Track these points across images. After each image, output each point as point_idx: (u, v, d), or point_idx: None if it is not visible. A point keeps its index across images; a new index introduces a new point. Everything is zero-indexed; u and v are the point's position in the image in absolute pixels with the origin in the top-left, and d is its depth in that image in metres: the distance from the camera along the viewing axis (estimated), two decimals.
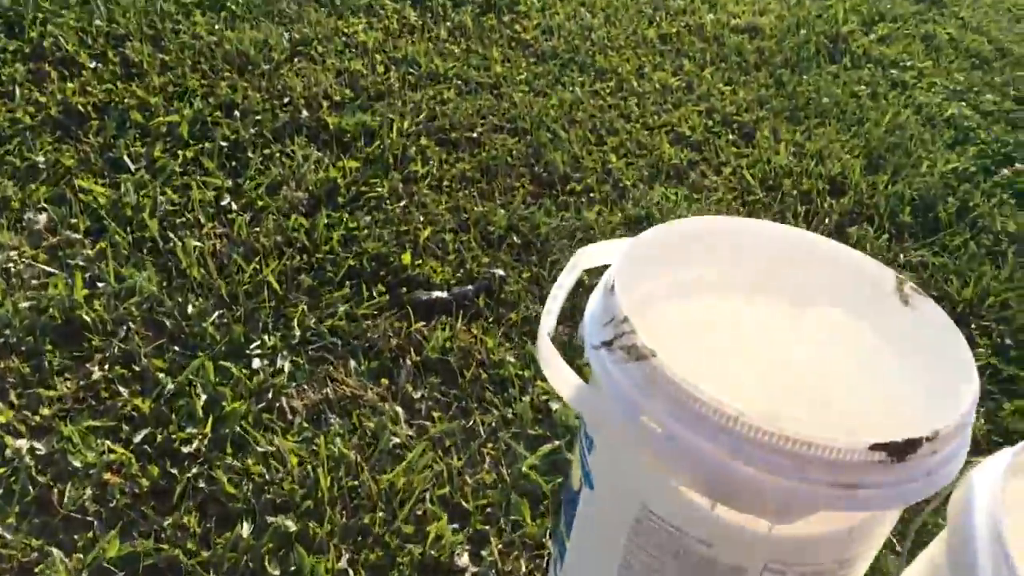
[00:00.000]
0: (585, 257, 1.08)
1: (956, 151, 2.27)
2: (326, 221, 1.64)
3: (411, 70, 2.19)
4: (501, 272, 1.61)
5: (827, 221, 1.95)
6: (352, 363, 1.39)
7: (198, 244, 1.53)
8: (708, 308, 1.10)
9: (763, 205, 1.98)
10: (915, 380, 0.98)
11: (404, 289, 1.55)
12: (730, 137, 2.18)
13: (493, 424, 1.34)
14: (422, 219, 1.71)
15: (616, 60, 2.40)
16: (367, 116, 1.96)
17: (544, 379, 1.40)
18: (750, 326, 1.11)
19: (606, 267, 0.94)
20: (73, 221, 1.54)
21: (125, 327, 1.37)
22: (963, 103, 2.51)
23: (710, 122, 2.21)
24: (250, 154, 1.78)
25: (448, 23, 2.44)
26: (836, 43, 2.73)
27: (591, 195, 1.90)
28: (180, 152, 1.75)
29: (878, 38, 2.83)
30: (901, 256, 1.90)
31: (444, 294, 1.54)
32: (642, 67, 2.40)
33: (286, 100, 1.98)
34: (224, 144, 1.79)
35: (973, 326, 1.73)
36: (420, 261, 1.61)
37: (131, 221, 1.56)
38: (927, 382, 0.92)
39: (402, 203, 1.75)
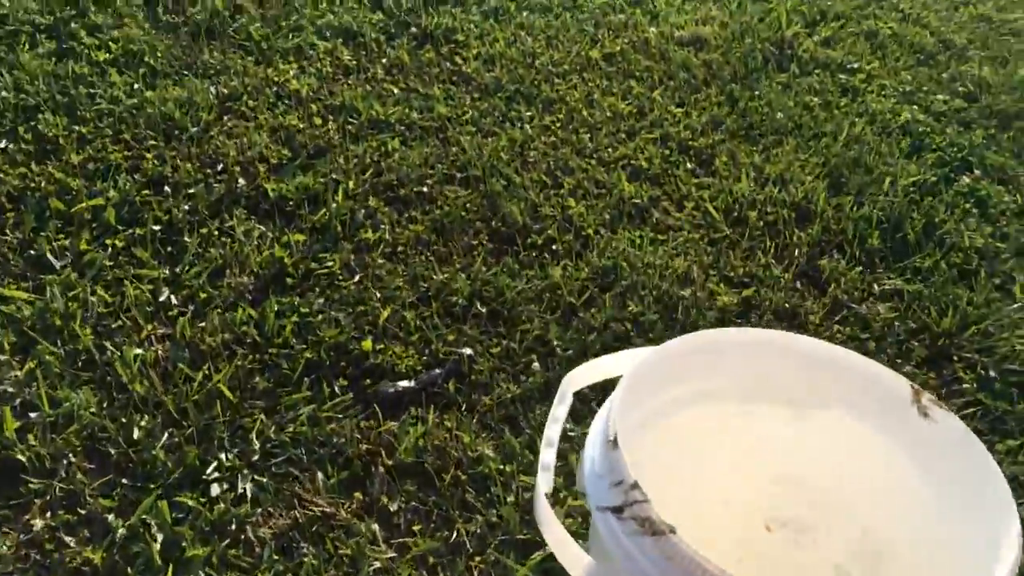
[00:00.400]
0: (573, 383, 1.00)
1: (915, 160, 2.23)
2: (276, 308, 1.52)
3: (350, 119, 2.06)
4: (468, 351, 1.51)
5: (797, 254, 1.89)
6: (320, 476, 1.28)
7: (138, 352, 1.40)
8: (707, 418, 1.02)
9: (731, 241, 1.91)
10: (941, 497, 0.92)
11: (367, 381, 1.45)
12: (688, 166, 2.10)
13: (478, 531, 1.25)
14: (379, 296, 1.60)
15: (563, 88, 2.31)
16: (308, 178, 1.84)
17: (528, 474, 1.31)
18: (756, 435, 1.04)
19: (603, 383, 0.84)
20: None
21: (65, 462, 1.24)
22: (915, 106, 2.46)
23: (667, 151, 2.13)
24: (186, 237, 1.65)
25: (384, 60, 2.31)
26: (782, 49, 2.67)
27: (553, 247, 1.80)
28: (109, 241, 1.61)
29: (822, 40, 2.77)
30: (875, 286, 1.85)
31: (411, 383, 1.44)
32: (590, 93, 2.31)
33: (219, 168, 1.84)
34: (156, 228, 1.65)
35: (956, 358, 1.68)
36: (382, 346, 1.50)
37: (61, 332, 1.42)
38: (956, 501, 0.86)
39: (356, 278, 1.64)
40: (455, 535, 1.24)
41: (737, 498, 1.02)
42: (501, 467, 1.34)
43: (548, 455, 0.89)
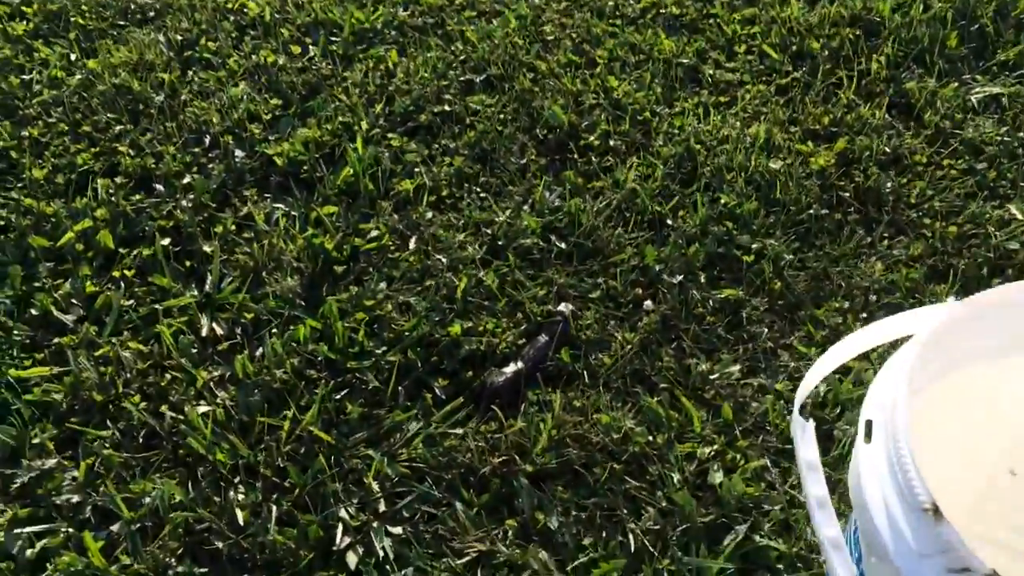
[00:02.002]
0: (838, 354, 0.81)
1: None
2: (336, 308, 1.29)
3: (332, 37, 1.75)
4: (566, 307, 1.30)
5: (878, 80, 1.65)
6: (459, 507, 1.11)
7: (203, 409, 1.19)
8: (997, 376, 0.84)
9: (801, 84, 1.66)
10: None
11: (469, 374, 1.25)
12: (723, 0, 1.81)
13: (653, 527, 1.09)
14: (444, 261, 1.37)
15: None
16: (312, 130, 1.56)
17: (683, 439, 1.15)
18: None
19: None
20: None
21: (171, 575, 1.06)
22: None
23: None
24: (202, 244, 1.39)
25: None
26: None
27: (611, 143, 1.55)
28: (116, 273, 1.36)
29: None
30: (970, 98, 1.62)
31: (520, 364, 1.24)
32: None
33: (207, 142, 1.55)
34: (165, 242, 1.39)
35: None
36: (469, 324, 1.29)
37: (105, 409, 1.20)
38: None
39: (411, 245, 1.40)
40: (630, 538, 1.08)
41: None
42: (651, 439, 1.17)
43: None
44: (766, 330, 1.30)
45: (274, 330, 1.28)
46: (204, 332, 1.28)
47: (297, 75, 1.67)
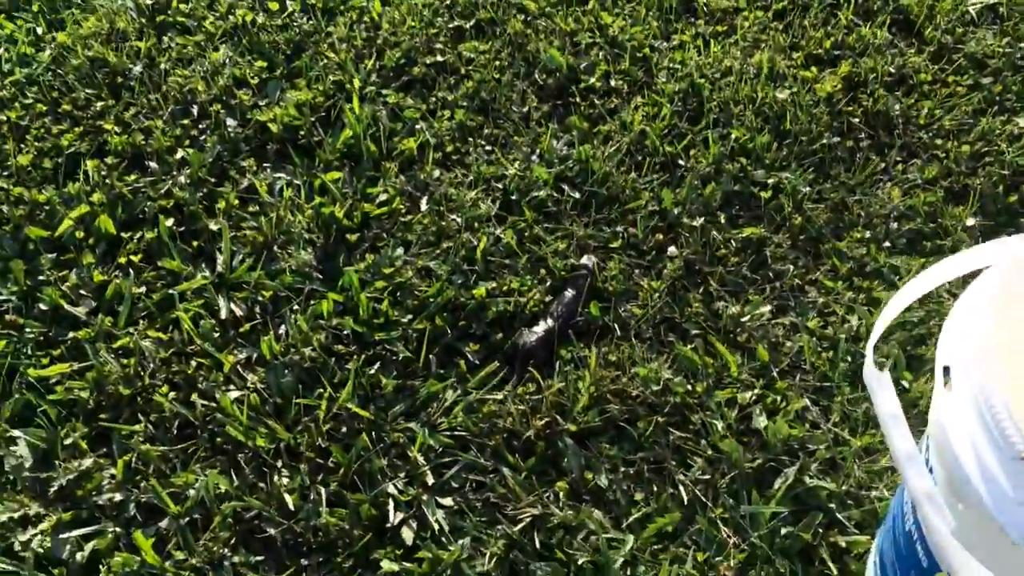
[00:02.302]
0: (911, 293, 0.78)
1: None
2: (357, 279, 1.26)
3: None
4: (589, 259, 1.28)
5: None
6: (507, 473, 1.10)
7: (235, 394, 1.17)
8: None
9: (799, 7, 1.62)
10: None
11: (499, 335, 1.23)
12: None
13: (703, 476, 1.10)
14: (459, 221, 1.34)
15: None
16: (303, 92, 1.50)
17: (721, 387, 1.15)
18: None
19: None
20: None
21: (228, 564, 1.05)
22: None
23: None
24: (208, 222, 1.35)
25: None
26: None
27: (612, 83, 1.52)
28: (122, 259, 1.31)
29: None
30: (968, 11, 1.60)
31: (550, 322, 1.23)
32: None
33: (195, 112, 1.49)
34: (170, 223, 1.35)
35: None
36: (493, 285, 1.27)
37: (133, 402, 1.17)
38: None
39: (423, 207, 1.36)
40: (680, 490, 1.09)
41: None
42: (689, 387, 1.17)
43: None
44: (791, 267, 1.29)
45: (295, 307, 1.25)
46: (223, 314, 1.25)
47: (278, 33, 1.61)
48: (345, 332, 1.23)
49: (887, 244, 1.31)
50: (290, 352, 1.20)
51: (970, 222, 1.33)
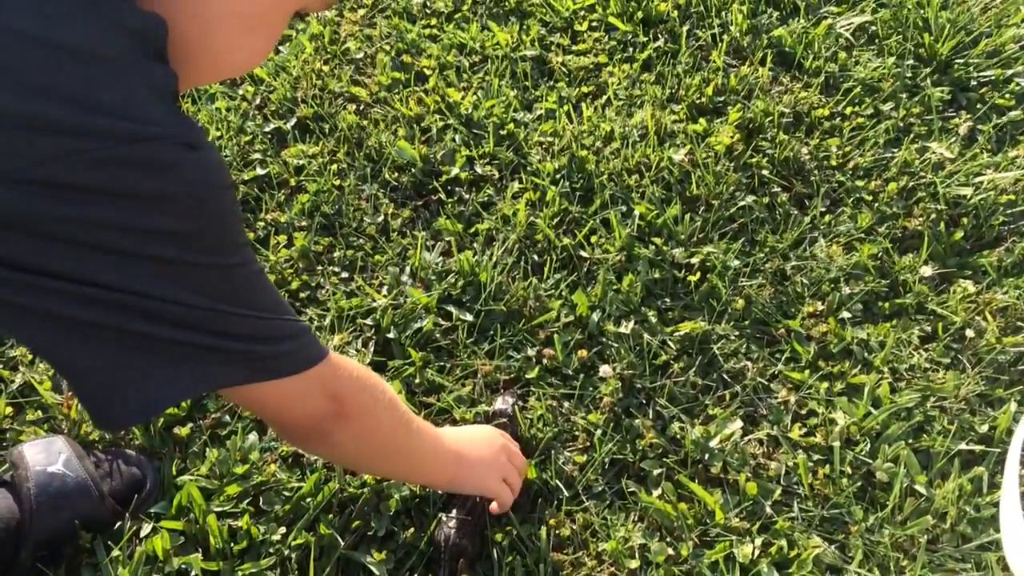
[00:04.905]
0: None
1: None
2: (198, 485, 0.91)
3: None
4: (505, 402, 0.99)
5: (744, 32, 1.44)
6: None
7: None
8: None
9: (665, 54, 1.42)
10: None
11: (410, 531, 0.91)
12: None
13: None
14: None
15: None
16: None
17: (713, 529, 0.89)
18: None
19: None
20: None
21: None
22: None
23: None
24: None
25: None
26: None
27: (479, 170, 1.25)
28: None
29: None
30: (843, 32, 1.44)
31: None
32: None
33: None
34: None
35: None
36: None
37: None
38: None
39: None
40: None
41: None
42: (672, 552, 0.89)
43: None
44: (747, 363, 1.05)
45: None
46: None
47: None
48: (193, 574, 0.87)
49: (845, 314, 1.10)
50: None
51: (926, 271, 1.14)
